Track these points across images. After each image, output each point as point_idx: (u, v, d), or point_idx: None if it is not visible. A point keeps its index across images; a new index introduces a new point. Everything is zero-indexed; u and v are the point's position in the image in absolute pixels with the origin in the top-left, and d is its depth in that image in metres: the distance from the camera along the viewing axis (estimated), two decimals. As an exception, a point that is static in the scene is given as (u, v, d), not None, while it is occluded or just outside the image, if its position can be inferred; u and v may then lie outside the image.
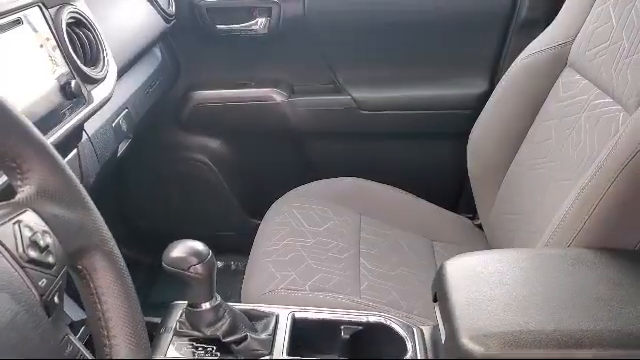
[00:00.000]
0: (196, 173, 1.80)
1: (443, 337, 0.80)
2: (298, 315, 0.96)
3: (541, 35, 1.31)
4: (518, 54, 1.33)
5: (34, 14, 0.86)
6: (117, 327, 0.52)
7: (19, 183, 0.49)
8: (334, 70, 1.71)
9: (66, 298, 0.53)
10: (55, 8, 0.91)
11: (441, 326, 0.82)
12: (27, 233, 0.45)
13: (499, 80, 1.38)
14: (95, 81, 0.95)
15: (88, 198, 0.53)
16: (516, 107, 1.31)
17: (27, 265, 0.44)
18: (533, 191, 1.18)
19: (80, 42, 0.96)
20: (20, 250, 0.44)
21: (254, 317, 0.95)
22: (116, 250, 0.54)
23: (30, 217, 0.47)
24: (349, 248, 1.29)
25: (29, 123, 0.50)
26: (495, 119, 1.38)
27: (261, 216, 1.44)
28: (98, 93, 0.95)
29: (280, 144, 1.81)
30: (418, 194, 1.54)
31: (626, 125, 0.92)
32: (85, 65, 0.94)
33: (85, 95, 0.92)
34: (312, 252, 1.25)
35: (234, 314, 0.91)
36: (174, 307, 0.96)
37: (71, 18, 0.94)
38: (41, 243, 0.46)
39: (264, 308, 0.98)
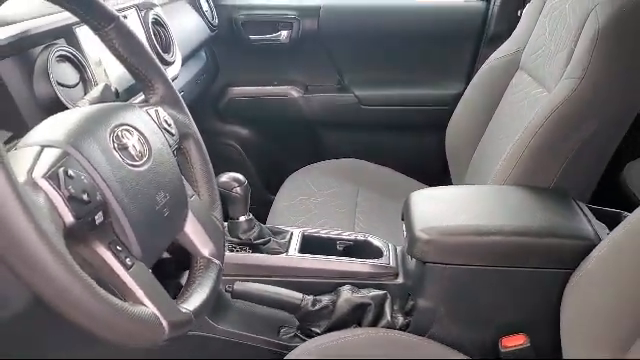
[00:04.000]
0: (227, 155, 2.12)
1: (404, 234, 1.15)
2: (307, 233, 1.31)
3: (501, 46, 1.62)
4: (488, 61, 1.64)
5: (133, 14, 1.25)
6: (201, 181, 0.90)
7: (150, 94, 0.87)
8: (341, 73, 2.06)
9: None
10: (144, 11, 1.30)
11: (404, 231, 1.17)
12: (161, 115, 0.83)
13: (472, 82, 1.68)
14: (168, 63, 1.34)
15: (186, 108, 0.91)
16: (481, 102, 1.60)
17: (162, 130, 0.81)
18: (489, 160, 1.48)
19: (159, 35, 1.35)
20: (159, 122, 0.81)
21: (274, 233, 1.30)
22: (201, 139, 0.91)
23: (160, 110, 0.84)
24: (347, 206, 1.62)
25: (158, 62, 0.88)
26: (465, 112, 1.67)
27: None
28: (170, 71, 1.33)
29: (296, 132, 2.13)
30: (408, 174, 1.83)
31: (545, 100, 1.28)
32: (162, 51, 1.33)
33: (162, 72, 1.30)
34: (318, 206, 1.60)
35: (261, 226, 1.26)
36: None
37: (153, 19, 1.33)
38: (168, 121, 0.83)
39: (282, 227, 1.33)
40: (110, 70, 1.06)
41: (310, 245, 1.28)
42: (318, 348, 1.03)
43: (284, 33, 2.00)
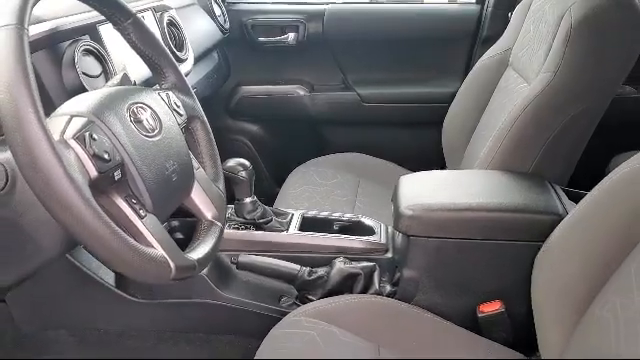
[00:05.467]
0: (237, 150, 2.24)
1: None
2: (306, 214, 1.44)
3: (493, 45, 1.73)
4: (482, 62, 1.74)
5: (149, 15, 1.39)
6: (206, 157, 1.02)
7: (162, 81, 1.01)
8: (344, 73, 2.18)
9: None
10: (160, 13, 1.44)
11: (393, 211, 1.28)
12: (172, 98, 0.96)
13: (467, 80, 1.79)
14: (181, 60, 1.47)
15: (194, 94, 1.04)
16: (474, 98, 1.70)
17: (172, 111, 0.94)
18: (478, 151, 1.61)
19: (173, 35, 1.48)
20: (169, 103, 0.94)
21: (277, 214, 1.42)
22: (207, 121, 1.04)
23: (171, 94, 0.97)
24: (349, 195, 1.72)
25: (170, 53, 1.01)
26: (460, 108, 1.78)
27: (286, 184, 1.86)
28: (182, 67, 1.46)
29: (302, 128, 2.25)
30: (407, 167, 1.92)
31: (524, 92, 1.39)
32: (175, 49, 1.47)
33: (176, 68, 1.43)
34: (320, 195, 1.71)
35: (264, 207, 1.39)
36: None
37: (168, 20, 1.47)
38: (177, 103, 0.96)
39: (284, 208, 1.46)
40: (128, 63, 1.20)
41: (309, 225, 1.40)
42: (313, 310, 1.14)
43: (291, 35, 2.14)
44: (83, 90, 1.02)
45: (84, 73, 1.04)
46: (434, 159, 2.04)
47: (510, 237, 1.16)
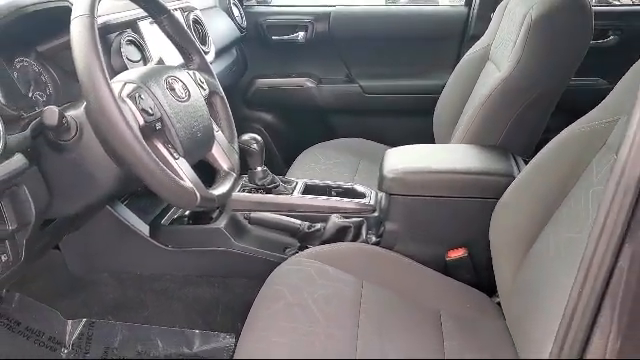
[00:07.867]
0: None
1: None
2: (308, 182, 1.69)
3: (477, 42, 1.95)
4: (468, 57, 1.96)
5: (178, 14, 1.66)
6: (224, 123, 1.29)
7: (189, 63, 1.27)
8: (348, 67, 2.44)
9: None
10: (187, 13, 1.71)
11: (379, 176, 1.53)
12: (197, 76, 1.22)
13: (455, 74, 2.01)
14: (205, 52, 1.74)
15: (215, 75, 1.30)
16: (460, 89, 1.92)
17: (197, 85, 1.20)
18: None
19: (197, 31, 1.75)
20: (195, 80, 1.21)
21: (283, 182, 1.67)
22: (225, 97, 1.30)
23: (197, 73, 1.24)
24: (348, 172, 1.96)
25: (196, 42, 1.28)
26: (447, 98, 2.00)
27: (295, 166, 2.11)
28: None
29: (310, 116, 2.51)
30: None
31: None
32: (199, 43, 1.73)
33: (199, 59, 1.70)
34: (323, 171, 1.96)
35: (273, 175, 1.64)
36: (240, 177, 1.70)
37: (193, 18, 1.74)
38: (201, 80, 1.22)
39: (289, 177, 1.72)
40: (162, 52, 1.47)
41: (310, 190, 1.66)
42: (311, 253, 1.39)
43: (301, 34, 2.41)
44: (127, 71, 1.28)
45: (127, 58, 1.31)
46: (427, 143, 2.28)
47: (473, 195, 1.40)
